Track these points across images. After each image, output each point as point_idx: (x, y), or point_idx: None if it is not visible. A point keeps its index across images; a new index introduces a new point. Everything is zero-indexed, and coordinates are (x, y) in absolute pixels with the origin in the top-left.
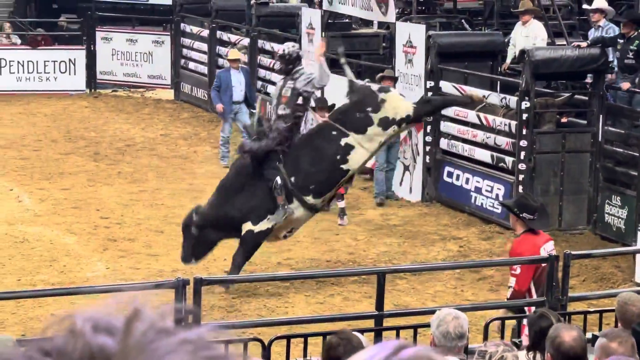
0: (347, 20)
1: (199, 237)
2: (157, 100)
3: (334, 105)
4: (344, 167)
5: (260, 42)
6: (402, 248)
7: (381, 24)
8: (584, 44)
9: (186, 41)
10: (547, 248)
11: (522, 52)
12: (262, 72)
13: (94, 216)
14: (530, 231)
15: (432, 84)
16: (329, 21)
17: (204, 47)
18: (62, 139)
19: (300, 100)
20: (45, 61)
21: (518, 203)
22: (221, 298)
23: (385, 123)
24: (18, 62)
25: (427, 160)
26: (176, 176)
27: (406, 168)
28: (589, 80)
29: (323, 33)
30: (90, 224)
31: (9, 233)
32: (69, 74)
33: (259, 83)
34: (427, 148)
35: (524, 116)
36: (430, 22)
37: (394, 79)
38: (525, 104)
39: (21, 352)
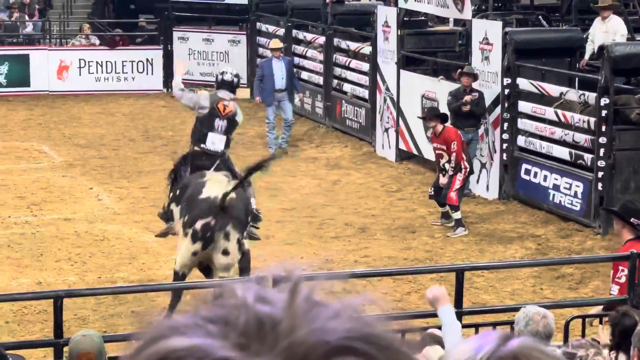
0: (422, 18)
1: None
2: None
3: (445, 115)
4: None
5: (335, 41)
6: (480, 246)
7: (457, 21)
8: None
9: (262, 40)
10: None
11: (601, 48)
12: (337, 71)
13: None
14: (638, 239)
15: (509, 81)
16: (405, 19)
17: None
18: (140, 138)
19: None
20: (123, 61)
21: (625, 208)
22: None
23: None
24: (97, 62)
25: (504, 158)
26: (253, 175)
27: (483, 165)
28: None
29: (399, 31)
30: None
31: (89, 231)
32: (147, 74)
33: (335, 82)
34: (504, 145)
35: (603, 113)
36: (506, 18)
37: (474, 76)
38: (604, 101)
39: (187, 320)
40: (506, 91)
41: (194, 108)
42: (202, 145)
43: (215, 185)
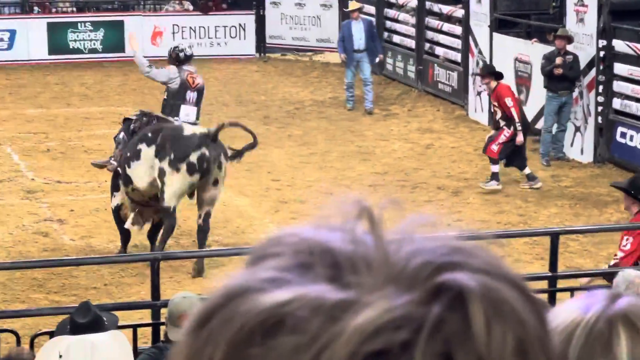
0: None
1: None
2: (325, 63)
3: (500, 73)
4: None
5: (427, 4)
6: (574, 210)
7: None
8: None
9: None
10: None
11: None
12: (429, 34)
13: (265, 179)
14: None
15: (605, 43)
16: None
17: (372, 9)
18: (234, 102)
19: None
20: (216, 26)
21: (633, 184)
22: None
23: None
24: (190, 27)
25: (599, 121)
26: (345, 138)
27: (577, 129)
28: None
29: None
30: (262, 186)
31: None
32: (239, 39)
33: (427, 45)
34: (599, 108)
35: None
36: None
37: (568, 38)
38: None
39: (267, 273)
40: (601, 53)
41: (167, 82)
42: (176, 118)
43: (192, 126)
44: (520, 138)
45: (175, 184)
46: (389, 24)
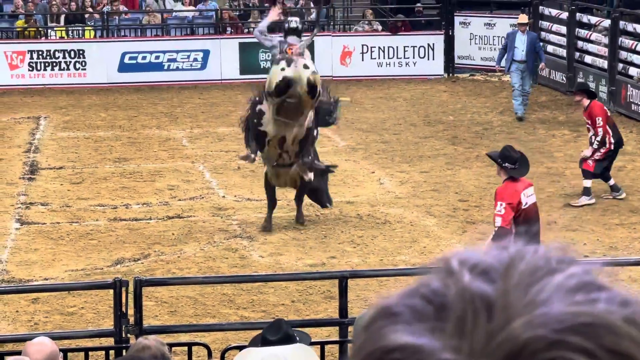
0: None
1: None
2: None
3: (593, 92)
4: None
5: (621, 24)
6: None
7: None
8: None
9: (545, 24)
10: (527, 193)
11: None
12: (623, 54)
13: (452, 199)
14: (512, 179)
15: None
16: None
17: (563, 29)
18: (421, 122)
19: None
20: (404, 47)
21: (501, 154)
22: None
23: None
24: (379, 47)
25: None
26: (534, 159)
27: None
28: None
29: None
30: (449, 207)
31: (372, 214)
32: (428, 59)
33: (620, 65)
34: None
35: None
36: None
37: None
38: None
39: (402, 301)
40: None
41: (269, 48)
42: None
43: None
44: (587, 153)
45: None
46: (580, 44)
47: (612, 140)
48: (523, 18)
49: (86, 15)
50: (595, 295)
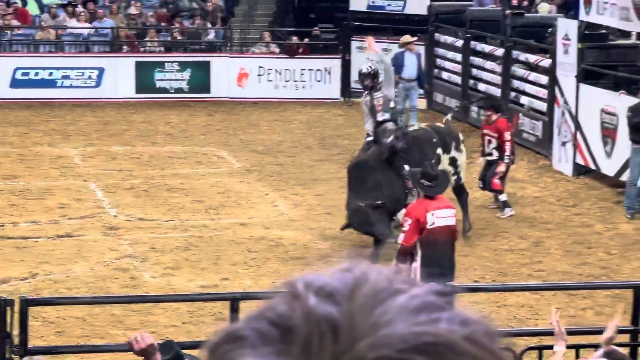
0: (604, 31)
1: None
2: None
3: (500, 105)
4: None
5: (514, 53)
6: None
7: None
8: None
9: (440, 51)
10: (439, 214)
11: None
12: (515, 83)
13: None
14: (427, 197)
15: None
16: (585, 32)
17: (458, 57)
18: (317, 145)
19: (392, 104)
20: (301, 69)
21: (421, 171)
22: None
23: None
24: (276, 70)
25: None
26: None
27: None
28: None
29: (579, 44)
30: (343, 230)
31: (265, 237)
32: (324, 83)
33: (512, 94)
34: None
35: None
36: None
37: None
38: None
39: (248, 325)
40: None
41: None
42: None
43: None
44: (502, 168)
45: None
46: (475, 71)
47: (512, 156)
48: (407, 38)
49: None
50: (437, 315)
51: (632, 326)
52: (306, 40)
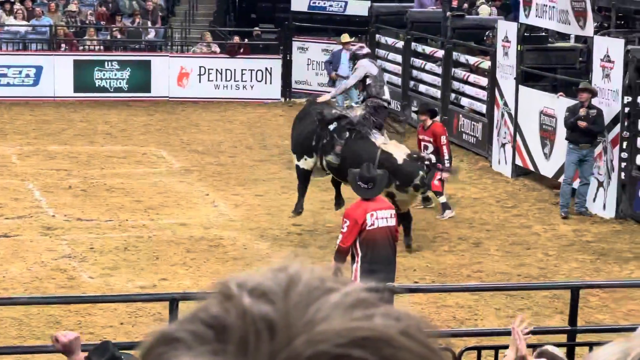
0: (543, 34)
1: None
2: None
3: (436, 110)
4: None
5: (455, 55)
6: (595, 265)
7: (578, 38)
8: None
9: (381, 52)
10: (379, 215)
11: None
12: (455, 85)
13: (286, 223)
14: (365, 198)
15: (630, 99)
16: (525, 34)
17: (398, 58)
18: (257, 146)
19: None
20: (242, 70)
21: (359, 173)
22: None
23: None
24: (216, 70)
25: (623, 177)
26: None
27: (600, 184)
28: None
29: (519, 46)
30: (283, 231)
31: (205, 237)
32: (265, 83)
33: (452, 95)
34: (623, 164)
35: None
36: (629, 36)
37: (591, 92)
38: None
39: (182, 327)
40: (626, 109)
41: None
42: (384, 97)
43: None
44: (446, 174)
45: None
46: (415, 72)
47: (449, 159)
48: (345, 37)
49: None
50: (372, 311)
51: (569, 326)
52: (247, 40)
